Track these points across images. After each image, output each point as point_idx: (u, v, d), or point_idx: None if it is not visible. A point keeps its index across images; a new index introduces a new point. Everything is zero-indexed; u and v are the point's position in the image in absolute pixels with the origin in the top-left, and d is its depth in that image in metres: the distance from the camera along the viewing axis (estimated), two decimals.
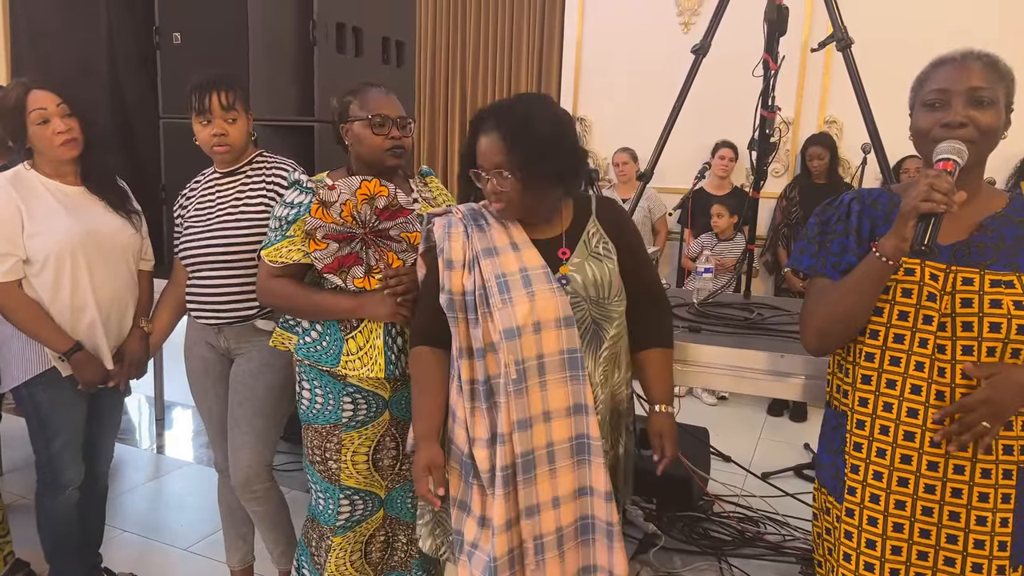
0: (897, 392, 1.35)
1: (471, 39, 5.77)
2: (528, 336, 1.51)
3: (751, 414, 4.43)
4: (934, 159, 1.31)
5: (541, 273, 1.56)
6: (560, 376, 1.54)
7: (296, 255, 1.80)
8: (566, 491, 1.58)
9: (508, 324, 1.51)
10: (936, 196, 1.22)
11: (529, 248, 1.59)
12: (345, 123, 1.86)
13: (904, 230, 1.26)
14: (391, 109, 1.85)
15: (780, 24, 2.39)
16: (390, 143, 1.83)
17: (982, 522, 1.32)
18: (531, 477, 1.53)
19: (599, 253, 1.63)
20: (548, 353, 1.53)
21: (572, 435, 1.57)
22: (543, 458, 1.54)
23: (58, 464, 2.15)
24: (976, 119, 1.30)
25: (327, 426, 1.85)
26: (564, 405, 1.55)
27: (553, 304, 1.53)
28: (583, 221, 1.65)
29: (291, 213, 1.81)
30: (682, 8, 5.00)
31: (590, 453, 1.57)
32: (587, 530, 1.61)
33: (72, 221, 2.04)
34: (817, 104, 4.72)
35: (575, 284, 1.57)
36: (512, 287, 1.53)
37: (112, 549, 2.65)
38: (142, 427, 4.11)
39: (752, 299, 2.58)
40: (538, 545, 1.54)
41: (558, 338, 1.53)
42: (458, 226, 1.60)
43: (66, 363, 2.06)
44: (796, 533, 2.81)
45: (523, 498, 1.53)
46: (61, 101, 2.01)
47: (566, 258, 1.60)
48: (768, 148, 2.48)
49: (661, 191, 4.77)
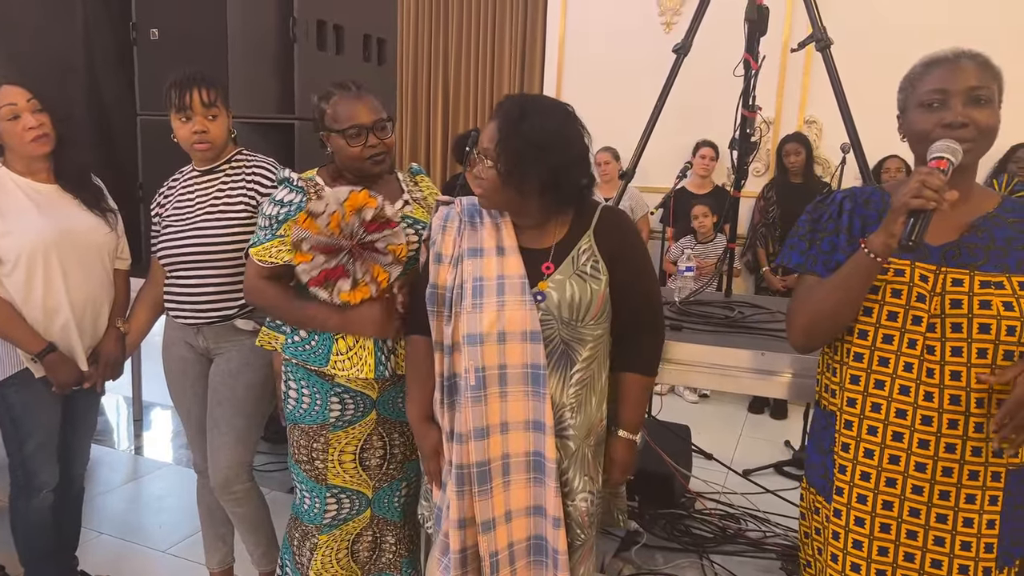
0: (886, 393, 1.35)
1: (453, 37, 5.76)
2: (491, 344, 1.51)
3: (732, 412, 4.46)
4: (928, 157, 1.30)
5: (517, 283, 1.53)
6: (521, 389, 1.54)
7: (286, 255, 1.76)
8: (519, 506, 1.57)
9: (472, 330, 1.52)
10: (927, 193, 1.21)
11: (514, 255, 1.56)
12: (323, 132, 1.82)
13: (893, 226, 1.25)
14: (365, 115, 1.77)
15: (761, 24, 2.41)
16: (369, 152, 1.78)
17: (969, 524, 1.32)
18: (486, 490, 1.54)
19: (585, 272, 1.56)
20: (511, 364, 1.52)
21: (529, 450, 1.56)
22: (498, 470, 1.55)
23: (32, 466, 2.12)
24: (976, 119, 1.29)
25: (314, 426, 1.83)
26: (522, 419, 1.55)
27: (521, 317, 1.51)
28: (577, 235, 1.59)
29: (281, 212, 1.77)
30: (664, 8, 5.03)
31: (544, 473, 1.55)
32: (540, 551, 1.60)
33: (45, 220, 2.00)
34: (797, 104, 4.76)
35: (549, 302, 1.53)
36: (485, 292, 1.53)
37: (89, 552, 2.62)
38: (120, 428, 4.06)
39: (733, 298, 2.59)
40: (493, 563, 1.55)
41: (523, 351, 1.52)
42: (454, 220, 1.62)
43: (39, 364, 2.02)
44: (777, 530, 2.83)
45: (479, 511, 1.54)
46: (32, 96, 1.97)
47: (548, 273, 1.56)
48: (749, 147, 2.50)
49: (643, 190, 4.78)
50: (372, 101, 1.81)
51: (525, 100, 1.54)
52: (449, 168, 5.69)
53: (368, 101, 1.80)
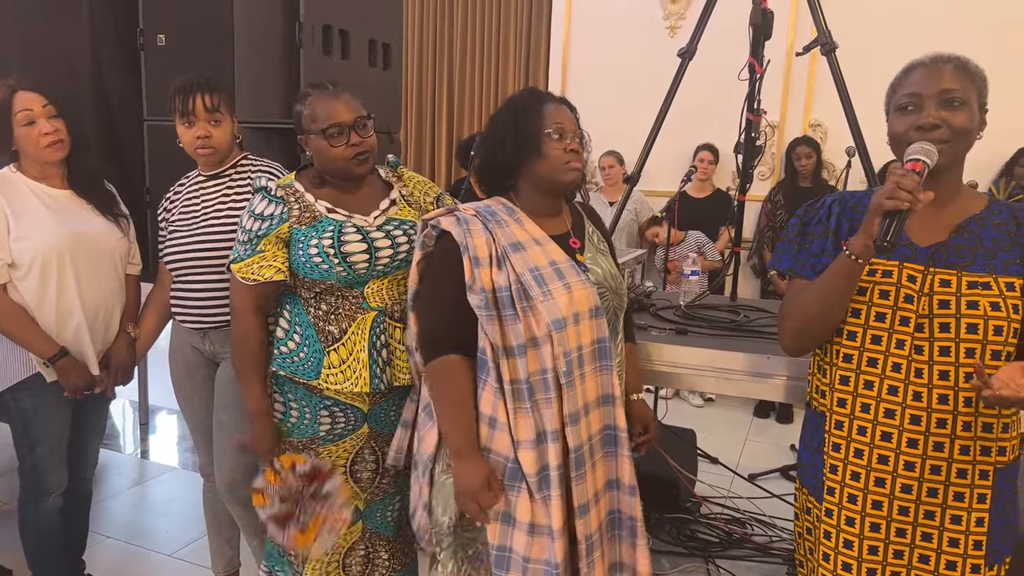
0: (874, 393, 1.37)
1: (458, 42, 5.78)
2: (571, 327, 1.50)
3: (738, 416, 4.45)
4: (904, 159, 1.33)
5: (569, 266, 1.55)
6: (593, 367, 1.54)
7: (269, 272, 1.72)
8: (601, 485, 1.56)
9: (555, 315, 1.47)
10: (901, 194, 1.24)
11: (550, 243, 1.57)
12: (302, 135, 1.76)
13: (870, 227, 1.28)
14: (345, 113, 1.71)
15: (765, 28, 2.41)
16: (351, 151, 1.72)
17: (957, 521, 1.34)
18: (582, 473, 1.51)
19: (602, 249, 1.69)
20: (585, 344, 1.53)
21: (602, 426, 1.56)
22: (588, 451, 1.52)
23: (41, 470, 2.12)
24: (949, 120, 1.31)
25: (303, 440, 1.80)
26: (596, 395, 1.55)
27: (587, 295, 1.53)
28: (581, 221, 1.70)
29: (262, 227, 1.73)
30: (668, 12, 5.03)
31: (617, 445, 1.57)
32: (614, 525, 1.60)
33: (59, 225, 2.02)
34: (802, 108, 4.76)
35: (595, 274, 1.59)
36: (548, 280, 1.51)
37: (96, 555, 2.62)
38: (126, 432, 4.07)
39: (738, 301, 2.59)
40: (589, 545, 1.51)
41: (591, 328, 1.54)
42: (475, 222, 1.53)
43: (51, 369, 2.03)
44: (783, 534, 2.82)
45: (577, 496, 1.50)
46: (47, 102, 1.99)
47: (578, 247, 1.62)
48: (754, 151, 2.50)
49: (648, 194, 4.78)
50: (351, 99, 1.75)
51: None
52: (454, 172, 5.70)
53: (346, 99, 1.74)
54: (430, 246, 1.61)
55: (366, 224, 1.76)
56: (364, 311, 1.77)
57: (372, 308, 1.77)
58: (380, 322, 1.77)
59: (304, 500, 1.76)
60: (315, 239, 1.71)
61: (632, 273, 2.43)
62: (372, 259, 1.73)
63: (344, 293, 1.76)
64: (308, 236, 1.72)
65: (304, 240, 1.72)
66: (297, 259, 1.73)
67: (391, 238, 1.76)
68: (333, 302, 1.76)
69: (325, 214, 1.75)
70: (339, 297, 1.76)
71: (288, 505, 1.77)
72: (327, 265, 1.70)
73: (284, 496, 1.77)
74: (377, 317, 1.77)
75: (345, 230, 1.72)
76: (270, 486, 1.76)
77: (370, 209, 1.79)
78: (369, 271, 1.74)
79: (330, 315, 1.76)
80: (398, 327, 1.79)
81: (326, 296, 1.76)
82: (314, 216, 1.74)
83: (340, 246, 1.70)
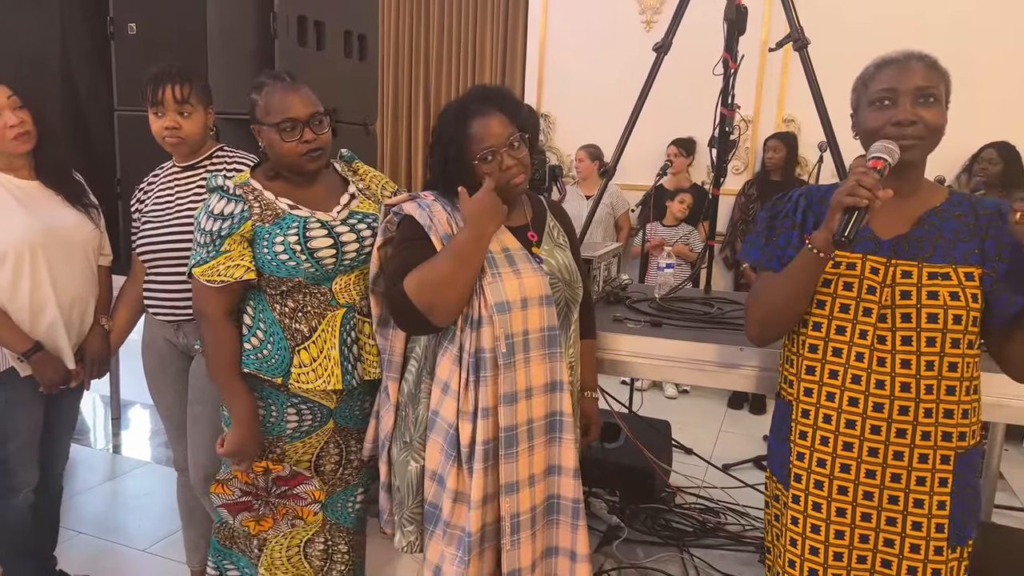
0: (839, 382, 1.41)
1: (435, 33, 5.75)
2: (516, 312, 1.55)
3: (712, 407, 4.51)
4: (867, 157, 1.35)
5: (522, 254, 1.61)
6: (540, 353, 1.58)
7: (239, 272, 1.67)
8: (539, 470, 1.61)
9: (499, 298, 1.54)
10: (860, 191, 1.27)
11: (505, 232, 1.62)
12: (255, 125, 1.72)
13: (831, 223, 1.31)
14: (299, 109, 1.67)
15: (739, 24, 2.44)
16: (304, 148, 1.68)
17: (919, 504, 1.38)
18: (513, 453, 1.55)
19: (561, 244, 1.72)
20: (532, 330, 1.57)
21: (547, 412, 1.60)
22: (524, 435, 1.57)
23: (13, 466, 2.09)
24: (924, 117, 1.34)
25: (269, 438, 1.78)
26: (542, 382, 1.59)
27: (537, 283, 1.59)
28: (542, 215, 1.74)
29: (223, 227, 1.68)
30: (644, 7, 5.05)
31: (561, 431, 1.61)
32: (552, 510, 1.65)
33: (31, 218, 1.98)
34: (776, 102, 4.81)
35: (549, 266, 1.64)
36: (499, 264, 1.57)
37: (67, 551, 2.59)
38: (97, 427, 4.02)
39: (712, 294, 2.62)
40: (514, 524, 1.57)
41: (540, 316, 1.58)
42: (436, 205, 1.60)
43: (25, 363, 2.00)
44: (756, 523, 2.87)
45: (504, 474, 1.55)
46: (12, 93, 1.95)
47: (535, 240, 1.66)
48: (728, 146, 2.52)
49: (624, 187, 4.81)
50: (307, 93, 1.72)
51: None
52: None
53: (303, 93, 1.71)
54: (392, 232, 1.64)
55: (330, 219, 1.74)
56: (333, 308, 1.75)
57: (341, 305, 1.76)
58: (350, 318, 1.77)
59: (270, 498, 1.78)
60: (280, 236, 1.69)
61: (608, 266, 2.45)
62: (339, 254, 1.72)
63: (311, 290, 1.74)
64: (272, 233, 1.69)
65: (269, 238, 1.69)
66: (262, 257, 1.70)
67: (356, 232, 1.75)
68: (300, 299, 1.74)
69: (288, 211, 1.72)
70: (306, 294, 1.74)
71: (248, 498, 1.78)
72: (294, 262, 1.69)
73: (247, 491, 1.78)
74: (347, 314, 1.76)
75: (310, 226, 1.70)
76: (236, 480, 1.76)
77: (331, 204, 1.78)
78: (336, 266, 1.72)
79: (297, 312, 1.74)
80: (367, 322, 1.79)
81: (293, 293, 1.73)
82: (276, 213, 1.71)
83: (306, 242, 1.69)
